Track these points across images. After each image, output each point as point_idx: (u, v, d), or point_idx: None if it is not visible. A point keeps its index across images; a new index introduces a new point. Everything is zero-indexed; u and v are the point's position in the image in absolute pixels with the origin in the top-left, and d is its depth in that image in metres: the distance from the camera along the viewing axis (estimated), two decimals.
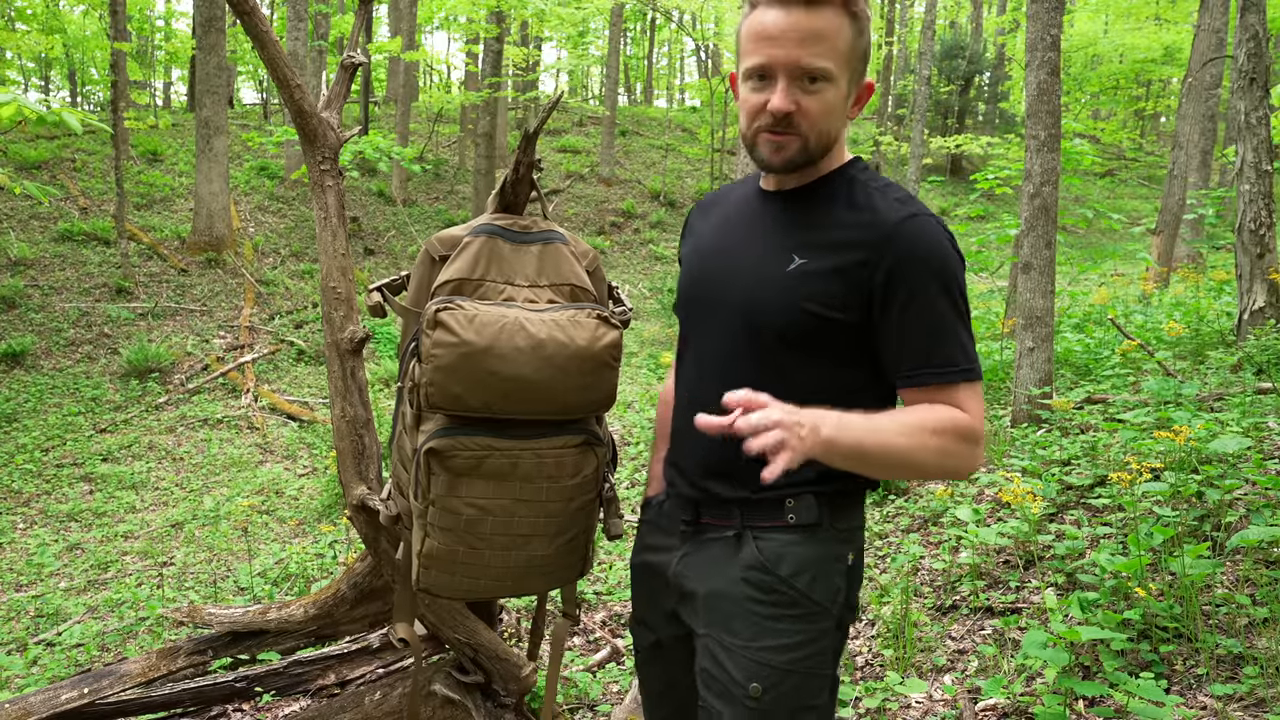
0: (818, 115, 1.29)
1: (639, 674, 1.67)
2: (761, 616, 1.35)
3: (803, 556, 1.36)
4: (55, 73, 26.57)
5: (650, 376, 9.56)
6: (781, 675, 1.33)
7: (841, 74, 1.29)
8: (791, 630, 1.34)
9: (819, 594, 1.36)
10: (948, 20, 30.77)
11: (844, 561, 1.40)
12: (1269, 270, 5.43)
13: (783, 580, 1.35)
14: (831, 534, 1.38)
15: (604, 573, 4.11)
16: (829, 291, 1.30)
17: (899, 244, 1.28)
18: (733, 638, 1.36)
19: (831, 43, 1.26)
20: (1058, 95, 5.01)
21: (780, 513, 1.37)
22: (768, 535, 1.37)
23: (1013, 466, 4.16)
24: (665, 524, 1.54)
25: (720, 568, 1.40)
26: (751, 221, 1.44)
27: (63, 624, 4.58)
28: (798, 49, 1.25)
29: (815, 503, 1.36)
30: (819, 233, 1.35)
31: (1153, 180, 23.43)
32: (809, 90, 1.28)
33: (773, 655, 1.33)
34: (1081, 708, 2.47)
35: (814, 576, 1.36)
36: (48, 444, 8.06)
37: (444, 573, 1.57)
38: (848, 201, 1.35)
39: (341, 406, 2.03)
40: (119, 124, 11.45)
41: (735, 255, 1.43)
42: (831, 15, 1.26)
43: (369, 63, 15.49)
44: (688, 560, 1.46)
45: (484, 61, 16.07)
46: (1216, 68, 11.29)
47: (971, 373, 1.30)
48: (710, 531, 1.44)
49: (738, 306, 1.38)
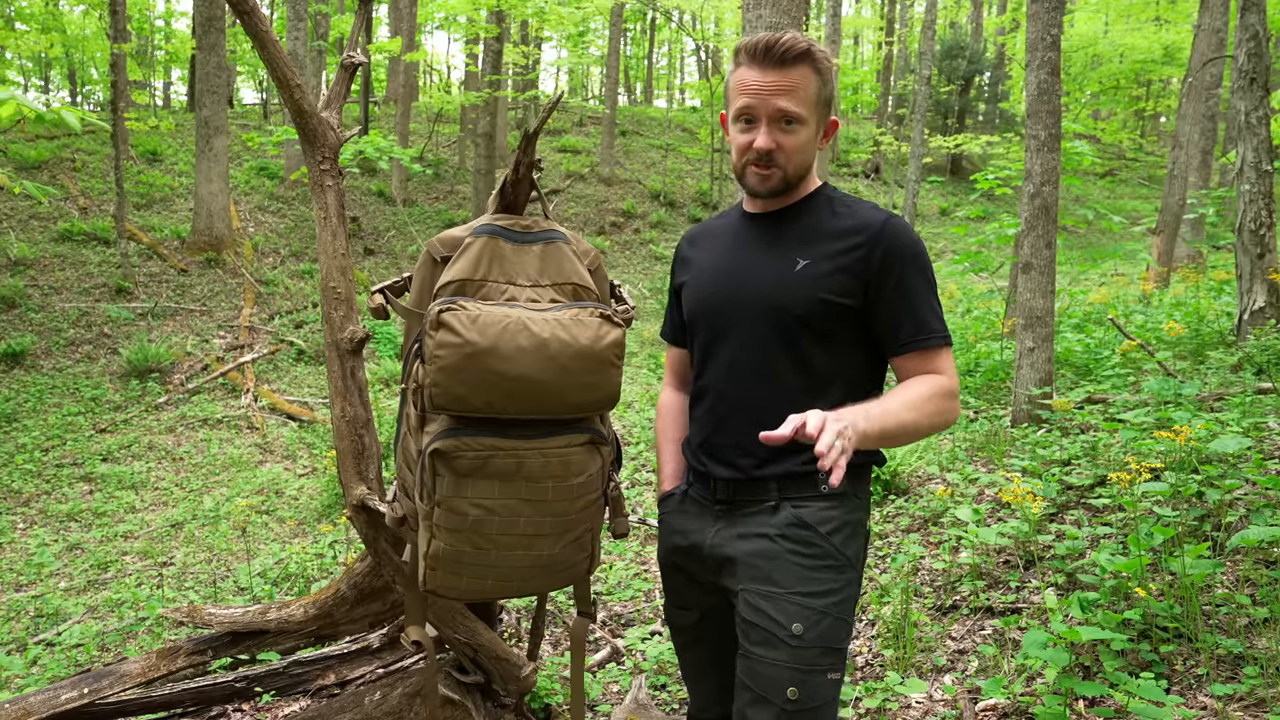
0: (792, 150, 1.59)
1: (681, 659, 1.84)
2: (803, 568, 1.56)
3: (838, 519, 1.60)
4: (55, 72, 26.58)
5: (650, 376, 9.56)
6: (819, 617, 1.54)
7: (811, 116, 1.59)
8: (827, 579, 1.57)
9: (850, 550, 1.61)
10: (948, 20, 30.77)
11: (864, 525, 1.67)
12: (1269, 270, 5.43)
13: (822, 537, 1.58)
14: (855, 502, 1.64)
15: (604, 573, 4.11)
16: (837, 283, 1.58)
17: (886, 239, 1.58)
18: (775, 587, 1.56)
19: (803, 93, 1.57)
20: (1058, 95, 5.01)
21: (814, 485, 1.60)
22: (804, 504, 1.60)
23: (1013, 466, 4.16)
24: (693, 509, 1.72)
25: (760, 531, 1.60)
26: (747, 241, 1.70)
27: (63, 624, 4.58)
28: (775, 98, 1.56)
29: (844, 475, 1.51)
30: (814, 238, 1.62)
31: (1153, 180, 23.43)
32: (786, 131, 1.58)
33: (813, 600, 1.54)
34: (1081, 708, 2.47)
35: (846, 536, 1.60)
36: (48, 444, 8.06)
37: (450, 574, 1.57)
38: (830, 214, 1.65)
39: (341, 406, 2.03)
40: (119, 124, 11.44)
41: (743, 269, 1.67)
42: (802, 71, 1.56)
43: (369, 63, 15.49)
44: (723, 533, 1.64)
45: (484, 61, 16.07)
46: (1216, 68, 11.29)
47: (948, 338, 1.61)
48: (747, 507, 1.63)
49: (763, 307, 1.62)
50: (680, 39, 31.93)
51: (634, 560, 4.27)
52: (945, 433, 5.29)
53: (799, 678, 1.50)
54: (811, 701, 1.51)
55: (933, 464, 4.71)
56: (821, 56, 1.59)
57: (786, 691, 1.50)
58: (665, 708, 2.88)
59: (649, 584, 3.94)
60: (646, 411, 7.26)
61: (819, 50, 1.59)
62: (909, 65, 25.07)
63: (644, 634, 3.45)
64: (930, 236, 17.41)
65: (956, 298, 10.99)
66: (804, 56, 1.57)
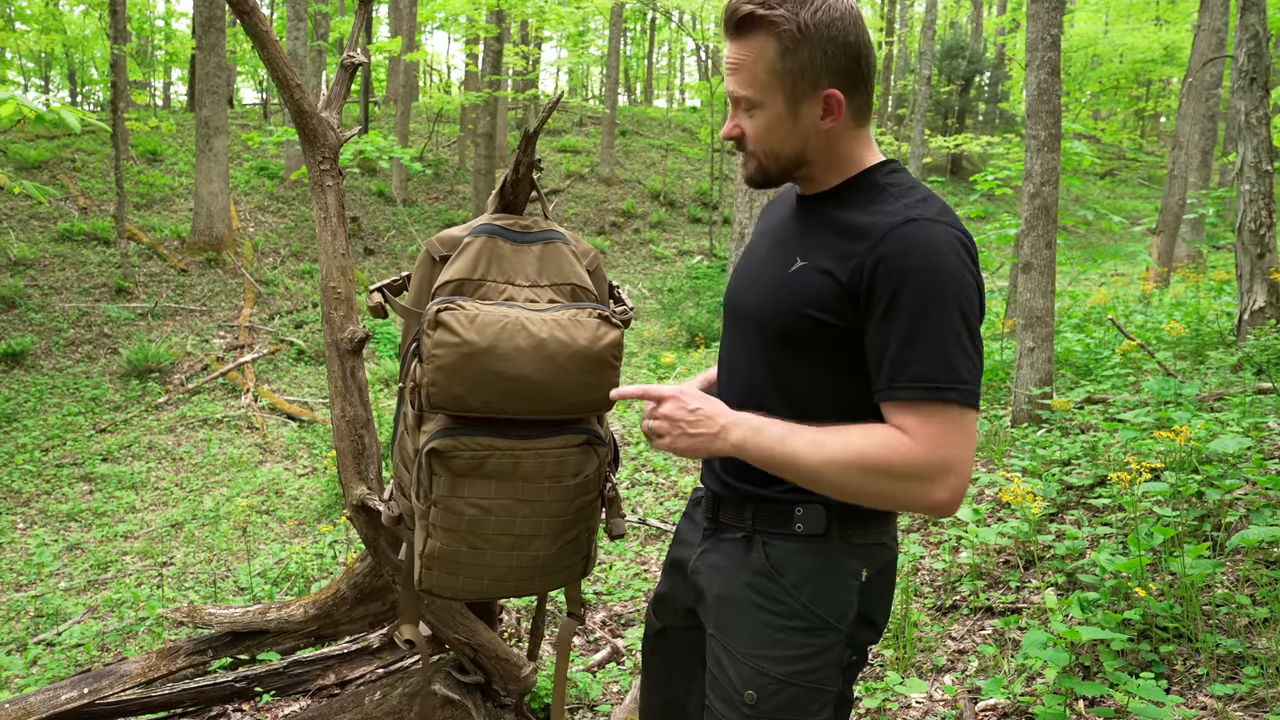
0: (755, 137, 1.34)
1: (643, 660, 1.70)
2: (764, 625, 1.35)
3: (807, 567, 1.34)
4: (55, 72, 26.58)
5: (650, 377, 9.55)
6: (780, 686, 1.32)
7: (770, 95, 1.30)
8: (793, 643, 1.33)
9: (822, 609, 1.34)
10: (948, 20, 30.77)
11: (856, 577, 1.36)
12: (1269, 270, 5.43)
13: (785, 590, 1.34)
14: (842, 547, 1.35)
15: (604, 573, 4.11)
16: (824, 296, 1.27)
17: (886, 247, 1.22)
18: (735, 642, 1.37)
19: (755, 68, 1.29)
20: (1058, 95, 5.01)
21: (789, 520, 1.35)
22: (775, 542, 1.36)
23: (1013, 466, 4.16)
24: (697, 519, 1.56)
25: (730, 570, 1.41)
26: (781, 226, 1.46)
27: (63, 624, 4.58)
28: (731, 80, 1.33)
29: (824, 514, 1.34)
30: (823, 235, 1.33)
31: (1153, 180, 23.43)
32: (748, 114, 1.34)
33: (771, 665, 1.33)
34: (1081, 708, 2.47)
35: (817, 590, 1.34)
36: (48, 444, 8.06)
37: (446, 573, 1.57)
38: (854, 205, 1.32)
39: (341, 406, 2.03)
40: (119, 124, 11.45)
41: (758, 264, 1.45)
42: (756, 41, 1.28)
43: (369, 63, 15.48)
44: (705, 558, 1.48)
45: (484, 61, 16.07)
46: (1216, 68, 11.29)
47: (943, 392, 1.17)
48: (727, 532, 1.45)
49: (752, 313, 1.42)
50: (680, 39, 31.93)
51: (634, 560, 4.27)
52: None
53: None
54: None
55: None
56: (780, 17, 1.25)
57: None
58: None
59: (649, 584, 3.94)
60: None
61: (777, 9, 1.25)
62: (909, 65, 25.08)
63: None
64: None
65: None
66: (751, 21, 1.26)
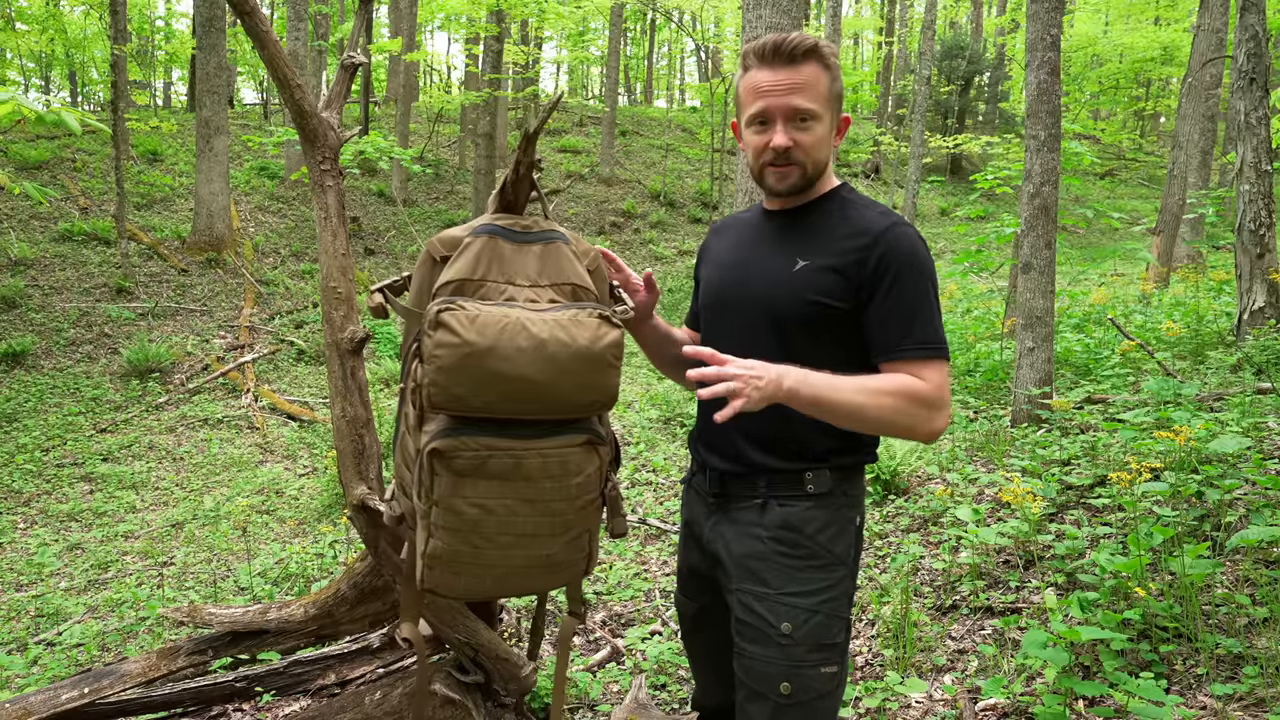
0: (810, 147, 1.61)
1: (684, 643, 1.96)
2: (789, 568, 1.61)
3: (820, 519, 1.64)
4: (55, 73, 26.56)
5: (650, 376, 9.55)
6: (808, 615, 1.59)
7: (825, 112, 1.61)
8: (815, 578, 1.61)
9: (838, 548, 1.64)
10: (948, 20, 30.77)
11: (853, 523, 1.69)
12: (1269, 270, 5.44)
13: (808, 537, 1.62)
14: (843, 500, 1.66)
15: (604, 573, 4.11)
16: (830, 285, 1.59)
17: (884, 246, 1.57)
18: (765, 587, 1.62)
19: (815, 89, 1.59)
20: (1058, 95, 5.01)
21: (800, 484, 1.64)
22: (790, 503, 1.64)
23: (1013, 466, 4.17)
24: (694, 498, 1.81)
25: (748, 530, 1.65)
26: (760, 237, 1.73)
27: (63, 624, 4.58)
28: (789, 96, 1.58)
29: (830, 475, 1.65)
30: (819, 239, 1.64)
31: (1153, 180, 23.42)
32: (801, 128, 1.60)
33: (801, 599, 1.60)
34: (1081, 708, 2.47)
35: (833, 534, 1.64)
36: (48, 444, 8.06)
37: (448, 573, 1.58)
38: (841, 216, 1.65)
39: (341, 406, 2.03)
40: (119, 124, 11.44)
41: (750, 264, 1.71)
42: (812, 68, 1.59)
43: (369, 63, 15.50)
44: (718, 529, 1.71)
45: (484, 61, 16.06)
46: (1216, 68, 11.29)
47: (941, 351, 1.57)
48: (737, 502, 1.69)
49: (759, 306, 1.65)
50: (680, 39, 31.94)
51: (634, 560, 4.27)
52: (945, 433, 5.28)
53: (791, 673, 1.57)
54: (805, 695, 1.57)
55: (933, 464, 4.71)
56: (829, 52, 1.61)
57: (779, 687, 1.57)
58: (665, 708, 2.89)
59: (649, 584, 3.94)
60: (646, 411, 7.26)
61: (826, 46, 1.61)
62: (909, 65, 25.07)
63: (644, 634, 3.45)
64: (930, 236, 17.40)
65: (956, 298, 11.00)
66: (812, 53, 1.59)
